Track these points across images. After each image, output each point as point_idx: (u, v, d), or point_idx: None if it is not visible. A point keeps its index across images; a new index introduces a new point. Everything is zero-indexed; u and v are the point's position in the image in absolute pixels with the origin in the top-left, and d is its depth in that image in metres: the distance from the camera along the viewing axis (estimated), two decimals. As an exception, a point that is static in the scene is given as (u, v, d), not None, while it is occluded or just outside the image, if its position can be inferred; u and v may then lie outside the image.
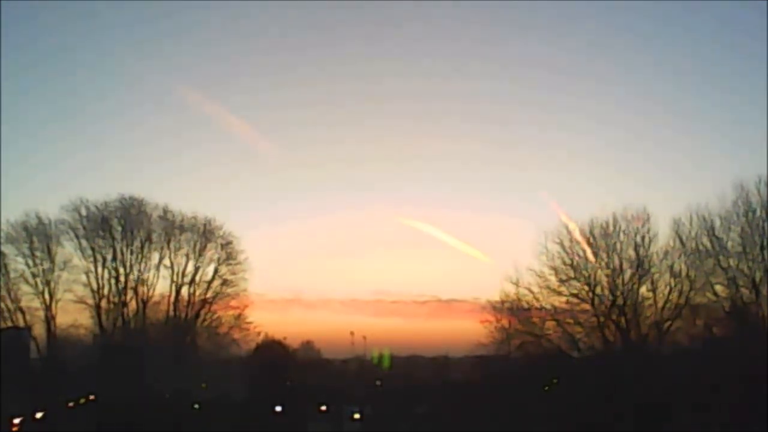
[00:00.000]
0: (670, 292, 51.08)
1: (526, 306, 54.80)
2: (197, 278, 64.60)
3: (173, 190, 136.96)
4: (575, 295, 53.06)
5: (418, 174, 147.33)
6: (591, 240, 52.92)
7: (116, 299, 62.60)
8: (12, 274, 60.91)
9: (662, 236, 52.03)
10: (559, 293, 53.60)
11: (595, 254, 52.65)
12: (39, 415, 56.23)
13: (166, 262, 63.99)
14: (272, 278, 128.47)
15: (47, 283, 61.20)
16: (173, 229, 64.70)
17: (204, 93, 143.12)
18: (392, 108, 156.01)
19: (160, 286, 63.98)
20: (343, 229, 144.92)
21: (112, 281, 62.46)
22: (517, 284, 54.37)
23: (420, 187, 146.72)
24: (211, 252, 65.33)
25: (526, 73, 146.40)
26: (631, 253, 51.83)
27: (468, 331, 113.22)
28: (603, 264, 52.38)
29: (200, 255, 64.82)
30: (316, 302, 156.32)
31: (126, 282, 62.61)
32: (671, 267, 51.27)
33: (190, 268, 64.55)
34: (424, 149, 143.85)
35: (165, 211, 64.84)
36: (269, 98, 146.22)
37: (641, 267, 51.53)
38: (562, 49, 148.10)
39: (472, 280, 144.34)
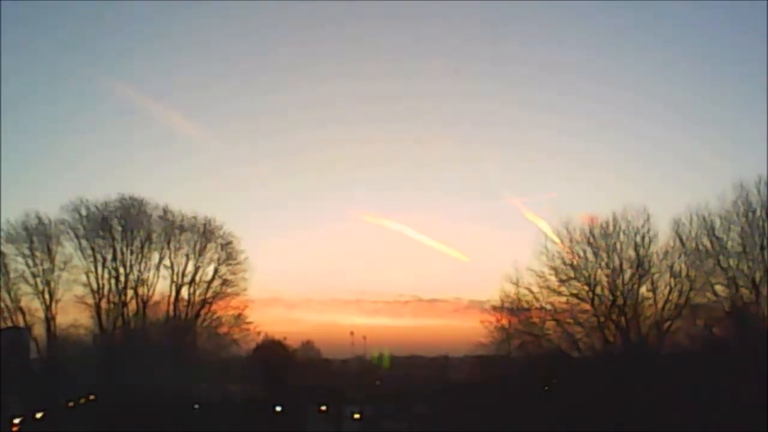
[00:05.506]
0: (670, 292, 51.11)
1: (526, 306, 54.85)
2: (197, 278, 64.62)
3: (171, 190, 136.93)
4: (575, 295, 53.05)
5: (398, 174, 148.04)
6: (591, 240, 52.96)
7: (116, 299, 62.59)
8: (12, 274, 61.01)
9: (662, 236, 52.10)
10: (559, 293, 53.65)
11: (595, 254, 52.67)
12: (39, 415, 56.26)
13: (166, 262, 64.04)
14: (252, 279, 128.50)
15: (47, 283, 61.23)
16: (173, 229, 64.68)
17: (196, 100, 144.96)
18: (379, 109, 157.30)
19: (160, 286, 64.05)
20: (321, 230, 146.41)
21: (112, 281, 62.47)
22: (517, 284, 54.49)
23: (400, 188, 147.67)
24: (211, 252, 65.37)
25: (524, 72, 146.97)
26: (631, 253, 51.82)
27: (457, 330, 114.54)
28: (603, 264, 52.37)
29: (200, 255, 64.83)
30: (297, 302, 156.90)
31: (126, 282, 62.62)
32: (671, 267, 51.27)
33: (190, 268, 64.61)
34: (407, 150, 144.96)
35: (165, 211, 64.87)
36: (250, 105, 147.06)
37: (641, 267, 51.51)
38: (560, 48, 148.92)
39: (452, 280, 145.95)
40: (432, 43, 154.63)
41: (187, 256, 64.55)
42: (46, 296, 61.15)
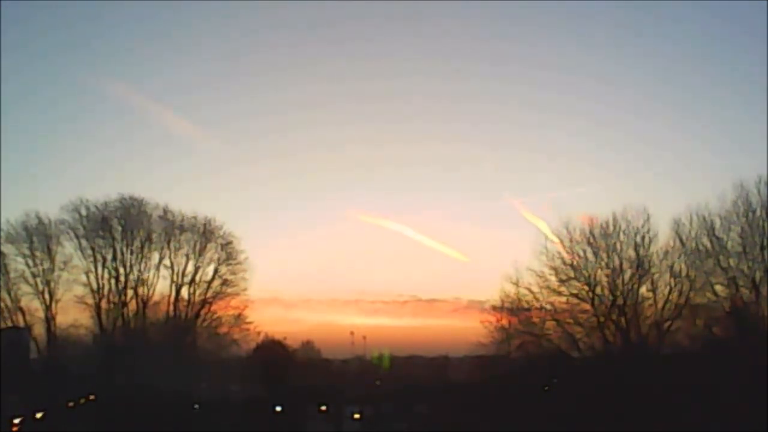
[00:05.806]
0: (670, 292, 51.15)
1: (526, 306, 54.84)
2: (197, 278, 64.60)
3: (171, 190, 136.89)
4: (575, 295, 53.07)
5: (397, 174, 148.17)
6: (591, 240, 52.96)
7: (116, 299, 62.57)
8: (12, 274, 61.02)
9: (662, 236, 52.14)
10: (559, 293, 53.67)
11: (595, 254, 52.69)
12: (39, 415, 56.23)
13: (166, 262, 64.03)
14: (252, 279, 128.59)
15: (47, 283, 61.23)
16: (173, 229, 64.68)
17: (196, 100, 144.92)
18: (379, 109, 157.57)
19: (160, 286, 64.04)
20: (321, 230, 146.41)
21: (112, 281, 62.46)
22: (517, 284, 54.47)
23: (399, 188, 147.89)
24: (211, 252, 65.35)
25: (524, 72, 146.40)
26: (631, 253, 51.84)
27: (457, 330, 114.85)
28: (603, 264, 52.39)
29: (200, 255, 64.82)
30: (297, 302, 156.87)
31: (126, 282, 62.61)
32: (671, 267, 51.30)
33: (190, 268, 64.59)
34: (407, 150, 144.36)
35: (165, 211, 64.87)
36: (250, 105, 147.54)
37: (641, 267, 51.53)
38: (560, 48, 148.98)
39: (452, 280, 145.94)
40: (431, 43, 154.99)
41: (187, 256, 64.61)
42: (46, 296, 61.21)
